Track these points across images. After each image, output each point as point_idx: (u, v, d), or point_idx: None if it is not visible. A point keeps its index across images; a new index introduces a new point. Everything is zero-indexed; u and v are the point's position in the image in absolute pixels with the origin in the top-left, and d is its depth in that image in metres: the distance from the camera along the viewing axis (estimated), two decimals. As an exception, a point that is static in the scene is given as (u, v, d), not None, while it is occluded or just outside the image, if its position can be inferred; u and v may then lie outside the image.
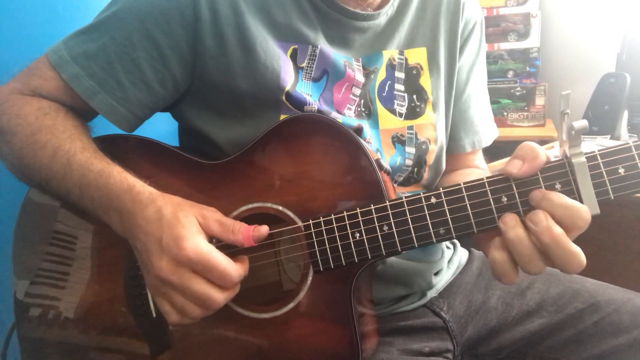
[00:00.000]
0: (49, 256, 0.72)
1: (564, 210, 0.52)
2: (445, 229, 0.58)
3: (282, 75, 0.69)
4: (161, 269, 0.55)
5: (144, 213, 0.58)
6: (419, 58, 0.79)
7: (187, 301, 0.56)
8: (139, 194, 0.60)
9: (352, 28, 0.74)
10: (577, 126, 0.52)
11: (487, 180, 0.56)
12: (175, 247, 0.55)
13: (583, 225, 0.52)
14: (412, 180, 0.80)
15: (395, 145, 0.77)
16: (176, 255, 0.55)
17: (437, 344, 0.80)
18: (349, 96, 0.75)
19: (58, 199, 0.68)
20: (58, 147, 0.64)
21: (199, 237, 0.57)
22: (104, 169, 0.62)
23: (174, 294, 0.57)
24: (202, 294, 0.56)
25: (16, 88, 0.70)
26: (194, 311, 0.57)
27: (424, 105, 0.79)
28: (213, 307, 0.57)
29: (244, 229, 0.59)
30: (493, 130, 0.92)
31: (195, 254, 0.55)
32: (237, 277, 0.57)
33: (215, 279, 0.56)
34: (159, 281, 0.57)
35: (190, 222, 0.57)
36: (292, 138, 0.65)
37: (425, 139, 0.79)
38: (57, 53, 0.68)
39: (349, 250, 0.61)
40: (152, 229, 0.57)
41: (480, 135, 0.89)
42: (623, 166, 0.53)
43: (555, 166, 0.54)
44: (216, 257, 0.56)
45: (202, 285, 0.56)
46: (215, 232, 0.59)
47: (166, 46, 0.67)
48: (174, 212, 0.57)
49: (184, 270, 0.55)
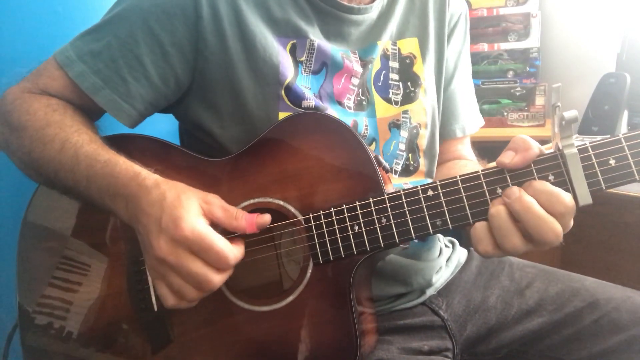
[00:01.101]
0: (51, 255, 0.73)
1: (545, 196, 0.54)
2: (442, 220, 0.59)
3: (281, 70, 0.71)
4: (159, 248, 0.56)
5: (148, 197, 0.59)
6: (411, 48, 0.83)
7: (183, 282, 0.57)
8: (144, 179, 0.61)
9: (347, 22, 0.76)
10: (568, 116, 0.53)
11: (482, 172, 0.58)
12: (174, 226, 0.56)
13: (562, 210, 0.54)
14: (412, 169, 0.82)
15: (391, 130, 0.80)
16: (174, 234, 0.56)
17: (436, 343, 0.80)
18: (348, 86, 0.77)
19: (66, 192, 0.69)
20: (66, 140, 0.66)
21: (199, 218, 0.57)
22: (111, 159, 0.64)
23: (171, 274, 0.57)
24: (198, 273, 0.56)
25: (26, 87, 0.72)
26: (190, 292, 0.57)
27: (417, 90, 0.82)
28: (209, 288, 0.58)
29: (247, 216, 0.61)
30: (479, 118, 0.96)
31: (192, 233, 0.55)
32: (234, 259, 0.58)
33: (211, 259, 0.57)
34: (157, 261, 0.57)
35: (191, 204, 0.58)
36: (292, 135, 0.66)
37: (416, 124, 0.82)
38: (64, 53, 0.71)
39: (348, 242, 0.62)
40: (153, 210, 0.58)
41: (469, 121, 0.93)
42: (614, 157, 0.54)
43: (548, 158, 0.56)
44: (213, 238, 0.56)
45: (198, 265, 0.56)
46: (218, 217, 0.60)
47: (168, 43, 0.69)
48: (176, 195, 0.58)
49: (180, 250, 0.56)
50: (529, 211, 0.54)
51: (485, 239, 0.57)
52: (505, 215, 0.55)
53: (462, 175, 0.59)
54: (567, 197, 0.54)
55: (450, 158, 0.94)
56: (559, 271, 0.87)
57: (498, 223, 0.56)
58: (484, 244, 0.57)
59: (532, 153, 0.56)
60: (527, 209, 0.54)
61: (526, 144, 0.56)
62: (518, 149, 0.57)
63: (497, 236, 0.56)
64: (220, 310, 0.62)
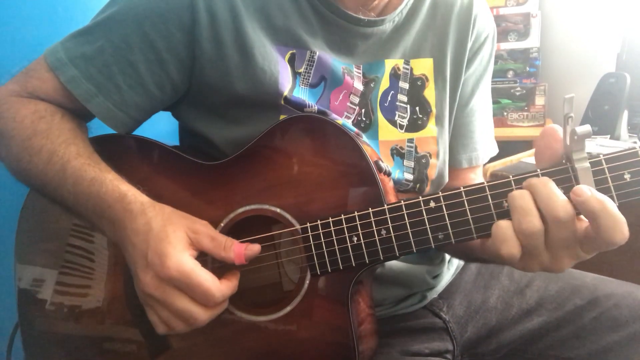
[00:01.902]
0: (51, 256, 0.73)
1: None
2: (444, 234, 0.56)
3: (280, 80, 0.68)
4: (146, 284, 0.56)
5: (133, 224, 0.58)
6: (425, 69, 0.77)
7: (171, 315, 0.56)
8: (130, 203, 0.59)
9: (354, 34, 0.72)
10: (580, 132, 0.50)
11: (487, 184, 0.55)
12: (160, 264, 0.55)
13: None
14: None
15: (394, 158, 0.75)
16: (159, 272, 0.55)
17: (437, 345, 0.80)
18: (346, 104, 0.73)
19: (55, 204, 0.67)
20: (53, 152, 0.64)
21: (184, 254, 0.56)
22: (97, 177, 0.62)
23: (159, 307, 0.57)
24: (184, 311, 0.56)
25: (14, 90, 0.69)
26: (178, 325, 0.57)
27: (426, 118, 0.77)
28: (196, 324, 0.57)
29: (236, 247, 0.59)
30: (492, 148, 0.89)
31: (177, 272, 0.54)
32: (221, 297, 0.57)
33: (197, 297, 0.56)
34: (144, 295, 0.57)
35: (177, 238, 0.57)
36: (290, 139, 0.65)
37: (425, 153, 0.77)
38: (55, 55, 0.68)
39: (346, 254, 0.60)
40: (139, 242, 0.57)
41: (479, 152, 0.85)
42: (629, 172, 0.50)
43: (558, 170, 0.53)
44: (199, 276, 0.55)
45: (184, 302, 0.56)
46: (206, 247, 0.59)
47: (164, 49, 0.66)
48: (162, 226, 0.57)
49: (167, 287, 0.55)
50: (605, 209, 0.48)
51: (511, 239, 0.51)
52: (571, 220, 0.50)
53: (466, 187, 0.56)
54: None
55: (455, 185, 0.88)
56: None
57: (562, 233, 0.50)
58: (509, 244, 0.51)
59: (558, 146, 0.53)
60: (604, 207, 0.48)
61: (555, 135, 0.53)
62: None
63: (554, 247, 0.51)
64: (218, 319, 0.61)
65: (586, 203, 0.48)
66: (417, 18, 0.75)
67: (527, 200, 0.51)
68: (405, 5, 0.74)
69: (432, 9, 0.76)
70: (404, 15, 0.74)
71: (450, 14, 0.77)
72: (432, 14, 0.76)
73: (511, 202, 0.52)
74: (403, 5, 0.73)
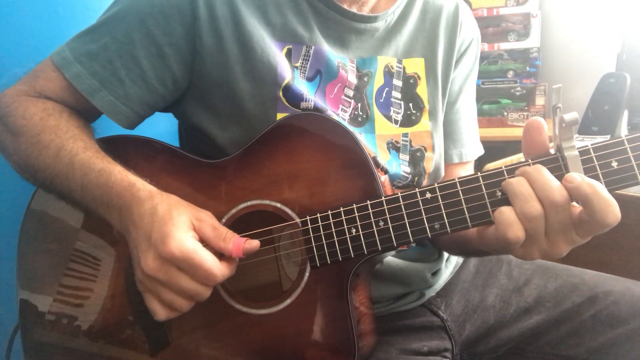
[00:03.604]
0: (52, 257, 0.73)
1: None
2: (440, 224, 0.59)
3: (279, 71, 0.71)
4: (147, 265, 0.57)
5: (139, 209, 0.59)
6: (416, 68, 0.81)
7: (175, 295, 0.58)
8: (138, 191, 0.61)
9: (348, 28, 0.75)
10: (568, 118, 0.52)
11: (481, 175, 0.57)
12: (161, 243, 0.56)
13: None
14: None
15: (390, 152, 0.78)
16: (161, 251, 0.56)
17: (435, 343, 0.80)
18: (341, 97, 0.76)
19: (62, 198, 0.69)
20: (61, 147, 0.66)
21: (187, 235, 0.57)
22: (105, 168, 0.63)
23: (162, 289, 0.58)
24: (189, 288, 0.57)
25: (22, 90, 0.72)
26: (182, 304, 0.58)
27: (419, 114, 0.81)
28: (200, 299, 0.59)
29: (235, 239, 0.60)
30: (478, 147, 0.92)
31: (180, 252, 0.55)
32: (221, 277, 0.58)
33: (199, 277, 0.57)
34: (146, 278, 0.58)
35: (181, 221, 0.58)
36: (290, 136, 0.66)
37: (420, 147, 0.80)
38: (61, 54, 0.70)
39: (345, 245, 0.62)
40: (144, 224, 0.58)
41: (467, 148, 0.89)
42: (616, 160, 0.53)
43: (549, 160, 0.55)
44: (201, 256, 0.56)
45: (188, 282, 0.57)
46: (207, 236, 0.60)
47: (165, 44, 0.69)
48: (167, 210, 0.58)
49: (169, 267, 0.56)
50: (596, 193, 0.50)
51: (516, 222, 0.53)
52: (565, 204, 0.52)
53: (460, 178, 0.58)
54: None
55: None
56: (558, 266, 0.87)
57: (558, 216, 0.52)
58: (514, 228, 0.53)
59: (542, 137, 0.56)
60: (595, 191, 0.50)
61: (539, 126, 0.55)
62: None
63: (552, 232, 0.53)
64: (218, 313, 0.62)
65: (578, 188, 0.50)
66: (407, 21, 0.80)
67: (526, 186, 0.53)
68: (397, 7, 0.79)
69: (422, 13, 0.82)
70: (396, 17, 0.79)
71: (439, 18, 0.82)
72: (422, 18, 0.82)
73: (510, 189, 0.54)
74: (395, 6, 0.78)
